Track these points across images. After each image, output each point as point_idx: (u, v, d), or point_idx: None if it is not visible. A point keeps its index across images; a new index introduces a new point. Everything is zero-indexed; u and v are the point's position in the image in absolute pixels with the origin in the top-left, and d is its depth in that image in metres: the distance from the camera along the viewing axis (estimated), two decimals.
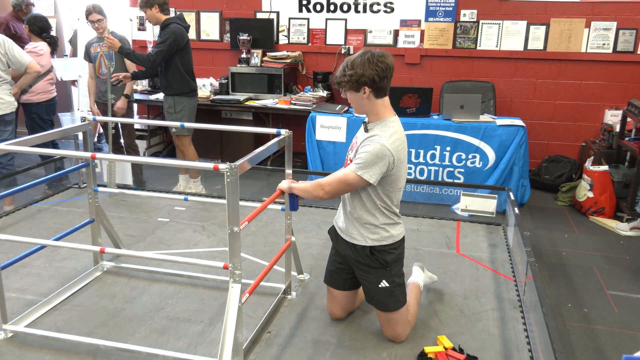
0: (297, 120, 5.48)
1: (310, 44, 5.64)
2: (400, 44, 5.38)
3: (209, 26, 5.89)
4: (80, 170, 4.10)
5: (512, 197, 3.64)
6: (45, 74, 4.61)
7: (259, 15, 5.69)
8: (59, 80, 5.08)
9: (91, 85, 4.71)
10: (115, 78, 4.30)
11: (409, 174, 4.54)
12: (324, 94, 5.32)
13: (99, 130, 6.40)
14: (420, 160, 4.49)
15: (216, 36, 5.89)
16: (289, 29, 5.67)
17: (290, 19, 5.63)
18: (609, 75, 5.00)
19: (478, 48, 5.21)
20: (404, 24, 5.34)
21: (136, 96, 5.45)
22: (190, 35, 4.67)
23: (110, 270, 3.03)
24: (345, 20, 5.48)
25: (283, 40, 5.71)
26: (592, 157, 4.56)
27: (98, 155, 2.28)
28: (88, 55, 4.66)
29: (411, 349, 2.34)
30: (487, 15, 5.13)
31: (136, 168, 4.84)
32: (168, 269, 3.00)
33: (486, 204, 3.96)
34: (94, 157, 2.28)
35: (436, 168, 4.49)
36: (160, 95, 5.28)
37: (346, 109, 4.72)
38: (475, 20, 5.16)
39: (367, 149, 2.13)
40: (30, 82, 4.39)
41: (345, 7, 5.45)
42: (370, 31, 5.45)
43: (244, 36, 5.48)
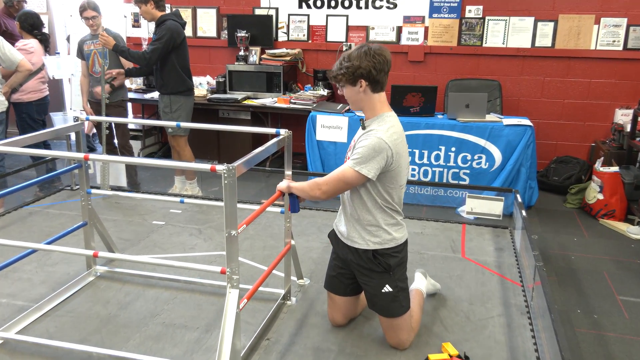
0: (297, 120, 5.48)
1: (310, 41, 5.65)
2: (403, 41, 5.39)
3: (206, 23, 5.90)
4: (72, 172, 4.10)
5: (520, 199, 3.65)
6: (36, 72, 4.62)
7: (258, 12, 5.70)
8: (51, 78, 5.09)
9: (84, 83, 4.71)
10: (109, 75, 4.32)
11: (412, 175, 4.54)
12: (324, 92, 5.33)
13: (92, 130, 6.41)
14: (425, 161, 4.50)
15: (213, 33, 5.90)
16: (288, 26, 5.68)
17: (289, 15, 5.64)
18: (619, 73, 5.00)
19: (484, 45, 5.21)
20: (408, 20, 5.35)
21: (131, 95, 5.46)
22: (187, 32, 4.69)
23: (103, 275, 3.03)
24: (347, 16, 5.49)
25: (282, 37, 5.72)
26: (602, 158, 4.56)
27: (91, 156, 2.28)
28: (81, 53, 4.67)
29: (415, 357, 2.35)
30: (493, 11, 5.13)
31: (130, 169, 4.85)
32: (163, 274, 3.00)
33: (492, 207, 3.97)
34: (86, 158, 2.28)
35: (441, 169, 4.49)
36: (155, 94, 5.29)
37: (347, 108, 4.73)
38: (481, 16, 5.16)
39: (364, 143, 2.15)
40: (21, 81, 4.41)
41: (346, 3, 5.46)
42: (373, 28, 5.45)
43: (242, 33, 5.49)
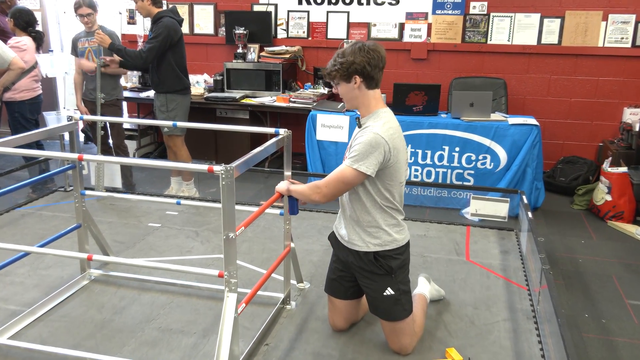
0: (297, 119, 5.49)
1: (310, 38, 5.66)
2: (406, 38, 5.39)
3: (203, 19, 5.90)
4: (66, 173, 4.10)
5: (525, 201, 3.65)
6: (29, 71, 4.62)
7: (256, 8, 5.70)
8: (44, 77, 5.10)
9: (78, 81, 4.71)
10: (103, 60, 4.28)
11: (415, 176, 4.55)
12: (325, 91, 5.33)
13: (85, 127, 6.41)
14: (428, 161, 4.50)
15: (210, 30, 5.91)
16: (287, 22, 5.68)
17: (289, 11, 5.65)
18: (627, 71, 5.00)
19: (489, 42, 5.21)
20: (410, 17, 5.35)
21: (126, 94, 5.46)
22: (183, 29, 4.68)
23: (98, 279, 3.03)
24: (348, 13, 5.49)
25: (281, 34, 5.72)
26: (610, 158, 4.56)
27: (85, 156, 2.28)
28: (75, 50, 4.67)
29: None
30: (499, 8, 5.14)
31: (126, 170, 4.84)
32: (159, 278, 3.00)
33: (497, 208, 3.96)
34: (80, 159, 2.29)
35: (444, 170, 4.49)
36: (151, 93, 5.29)
37: None
38: (485, 12, 5.17)
39: (360, 140, 2.16)
40: (13, 79, 4.41)
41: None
42: (374, 25, 5.46)
43: (240, 30, 5.49)
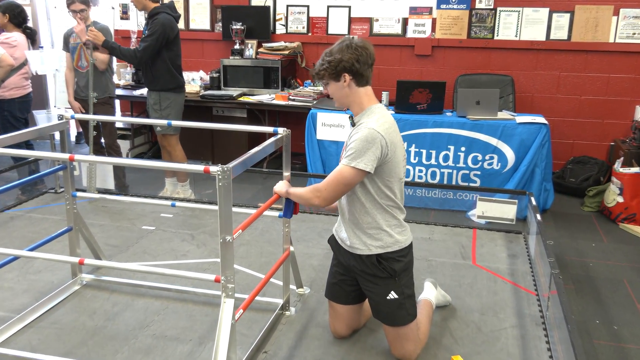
0: (296, 118, 5.49)
1: (310, 34, 5.66)
2: (409, 34, 5.40)
3: (199, 14, 5.91)
4: (57, 174, 4.10)
5: (534, 203, 3.65)
6: (19, 68, 4.63)
7: (254, 2, 5.70)
8: (34, 74, 5.10)
9: (69, 77, 4.71)
10: (89, 33, 4.13)
11: (419, 177, 4.54)
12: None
13: (78, 129, 6.42)
14: (432, 162, 4.50)
15: (207, 25, 5.91)
16: (286, 17, 5.69)
17: (288, 6, 5.65)
18: (639, 67, 5.01)
19: (495, 38, 5.21)
20: (414, 11, 5.35)
21: (118, 92, 5.46)
22: (179, 24, 4.68)
23: (89, 284, 3.03)
24: (349, 7, 5.49)
25: (280, 29, 5.72)
26: (622, 158, 4.56)
27: (77, 156, 2.28)
28: (66, 45, 4.67)
29: None
30: (506, 2, 5.14)
31: (118, 171, 4.84)
32: (154, 282, 3.00)
33: (505, 210, 3.96)
34: (72, 159, 2.29)
35: (450, 170, 4.49)
36: (144, 91, 5.29)
37: None
38: (492, 7, 5.17)
39: (356, 137, 2.17)
40: (2, 77, 4.41)
41: None
42: (377, 20, 5.46)
43: (238, 25, 5.50)
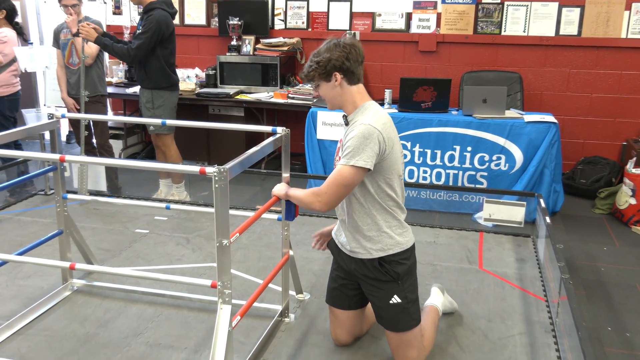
0: (296, 117, 5.49)
1: (310, 29, 5.66)
2: (413, 29, 5.40)
3: (194, 9, 5.91)
4: (46, 175, 4.10)
5: (543, 205, 3.64)
6: (8, 65, 4.63)
7: None
8: (23, 71, 5.10)
9: (60, 75, 4.72)
10: (80, 28, 4.11)
11: (424, 178, 4.54)
12: None
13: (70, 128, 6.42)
14: (437, 162, 4.50)
15: (202, 20, 5.91)
16: (285, 12, 5.69)
17: (287, 0, 5.65)
18: None
19: (503, 33, 5.22)
20: (418, 6, 5.36)
21: (110, 89, 5.47)
22: (174, 20, 4.68)
23: (81, 290, 3.03)
24: (350, 1, 5.50)
25: (279, 25, 5.73)
26: (635, 159, 4.56)
27: (67, 157, 2.28)
28: (57, 42, 4.68)
29: None
30: None
31: (111, 172, 4.85)
32: (147, 288, 3.00)
33: (513, 213, 3.96)
34: (62, 160, 2.29)
35: (455, 171, 4.49)
36: (137, 89, 5.29)
37: None
38: (499, 1, 5.17)
39: (352, 135, 2.18)
40: None
41: None
42: (379, 14, 5.46)
43: (235, 20, 5.50)
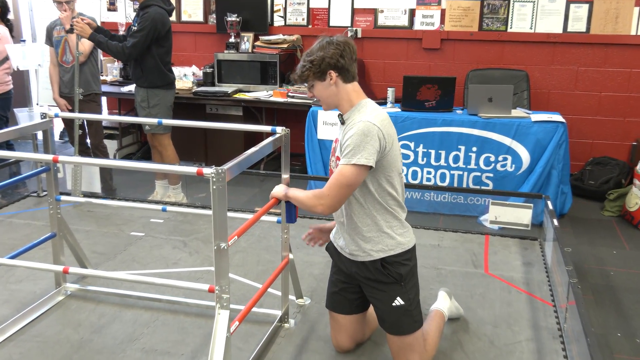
0: (296, 116, 5.49)
1: (310, 26, 5.66)
2: (417, 26, 5.40)
3: (192, 5, 5.91)
4: (39, 176, 4.11)
5: (551, 207, 3.64)
6: (1, 63, 4.64)
7: None
8: (15, 69, 5.11)
9: (53, 73, 4.72)
10: (74, 24, 4.11)
11: (428, 179, 4.54)
12: None
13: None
14: (442, 163, 4.49)
15: (200, 17, 5.92)
16: (285, 9, 5.69)
17: None
18: None
19: (509, 30, 5.22)
20: (422, 2, 5.35)
21: (105, 88, 5.47)
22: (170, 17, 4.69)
23: (74, 294, 3.03)
24: None
25: (279, 21, 5.73)
26: None
27: (61, 158, 2.28)
28: (50, 39, 4.68)
29: None
30: None
31: (105, 173, 4.85)
32: (143, 293, 3.00)
33: (519, 215, 3.96)
34: (56, 160, 2.29)
35: (460, 172, 4.49)
36: (133, 87, 5.30)
37: None
38: None
39: (351, 133, 2.17)
40: None
41: None
42: (382, 10, 5.46)
43: (233, 17, 5.50)
